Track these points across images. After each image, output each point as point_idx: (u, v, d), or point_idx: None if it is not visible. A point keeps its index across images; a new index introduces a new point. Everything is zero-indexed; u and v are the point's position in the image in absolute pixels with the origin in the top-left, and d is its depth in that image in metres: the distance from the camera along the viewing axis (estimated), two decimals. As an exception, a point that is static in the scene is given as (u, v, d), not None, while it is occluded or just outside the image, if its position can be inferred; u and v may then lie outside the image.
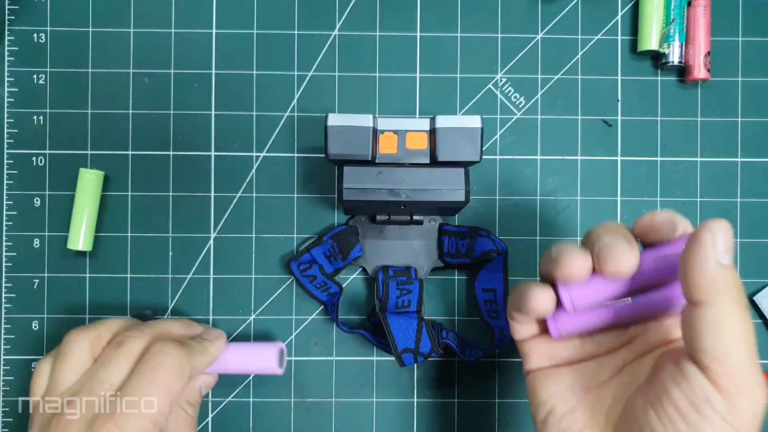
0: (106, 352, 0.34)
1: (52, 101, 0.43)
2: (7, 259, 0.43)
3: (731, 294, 0.24)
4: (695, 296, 0.24)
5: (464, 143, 0.36)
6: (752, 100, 0.44)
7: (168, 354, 0.33)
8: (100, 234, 0.43)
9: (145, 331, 0.35)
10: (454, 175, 0.36)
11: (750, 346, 0.24)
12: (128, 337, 0.34)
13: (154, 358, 0.33)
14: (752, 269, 0.44)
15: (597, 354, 0.30)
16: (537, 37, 0.44)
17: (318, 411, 0.43)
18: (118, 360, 0.33)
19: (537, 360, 0.31)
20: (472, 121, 0.36)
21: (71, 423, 0.31)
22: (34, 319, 0.43)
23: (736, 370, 0.23)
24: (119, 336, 0.34)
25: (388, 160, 0.37)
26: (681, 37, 0.43)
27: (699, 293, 0.24)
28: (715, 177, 0.44)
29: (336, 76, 0.44)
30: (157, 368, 0.32)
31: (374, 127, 0.36)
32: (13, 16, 0.43)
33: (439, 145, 0.36)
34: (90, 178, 0.42)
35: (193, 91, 0.43)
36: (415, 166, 0.36)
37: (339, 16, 0.44)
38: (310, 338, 0.43)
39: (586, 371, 0.30)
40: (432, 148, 0.36)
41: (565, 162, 0.44)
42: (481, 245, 0.41)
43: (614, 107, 0.44)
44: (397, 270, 0.42)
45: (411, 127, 0.37)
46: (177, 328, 0.37)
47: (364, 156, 0.36)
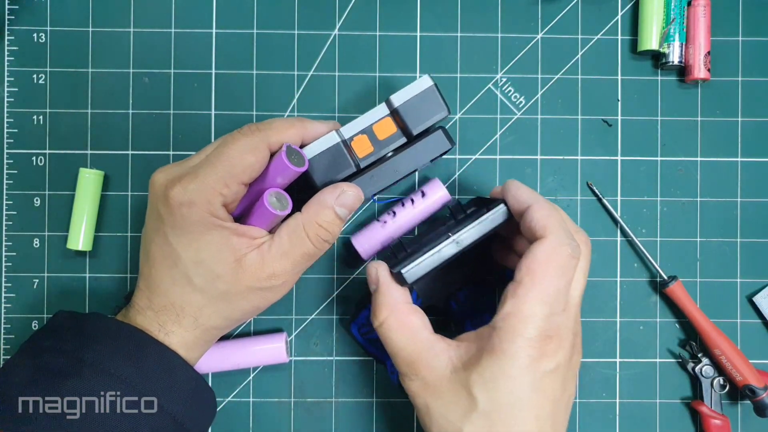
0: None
1: (52, 101, 0.43)
2: (7, 259, 0.43)
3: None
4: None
5: (427, 106, 0.37)
6: (752, 100, 0.44)
7: (233, 137, 0.34)
8: (100, 234, 0.43)
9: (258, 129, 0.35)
10: (435, 139, 0.37)
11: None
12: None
13: (228, 137, 0.34)
14: (752, 269, 0.44)
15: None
16: (537, 37, 0.44)
17: (318, 411, 0.43)
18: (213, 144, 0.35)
19: None
20: (422, 83, 0.37)
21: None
22: (34, 319, 0.43)
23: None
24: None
25: (371, 159, 0.37)
26: (681, 37, 0.43)
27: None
28: (715, 177, 0.44)
29: (336, 76, 0.44)
30: (226, 143, 0.34)
31: (343, 140, 0.37)
32: (13, 16, 0.43)
33: (407, 121, 0.37)
34: (90, 177, 0.42)
35: (193, 91, 0.43)
36: (398, 152, 0.37)
37: (339, 16, 0.44)
38: (310, 338, 0.43)
39: None
40: (402, 127, 0.37)
41: (565, 162, 0.44)
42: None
43: (614, 107, 0.44)
44: (465, 293, 0.41)
45: (374, 119, 0.37)
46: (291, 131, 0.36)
47: (350, 171, 0.37)
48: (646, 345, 0.43)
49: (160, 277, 0.34)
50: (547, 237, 0.32)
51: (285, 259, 0.34)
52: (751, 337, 0.43)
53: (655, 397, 0.43)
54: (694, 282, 0.43)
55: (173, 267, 0.33)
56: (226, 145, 0.33)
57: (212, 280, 0.33)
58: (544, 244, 0.32)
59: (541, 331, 0.31)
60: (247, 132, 0.34)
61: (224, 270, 0.33)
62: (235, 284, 0.33)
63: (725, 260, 0.44)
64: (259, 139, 0.34)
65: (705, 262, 0.44)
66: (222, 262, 0.33)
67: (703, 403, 0.42)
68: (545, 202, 0.34)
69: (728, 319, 0.43)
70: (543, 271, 0.32)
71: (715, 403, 0.42)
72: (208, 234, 0.33)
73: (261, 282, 0.33)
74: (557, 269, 0.32)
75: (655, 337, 0.44)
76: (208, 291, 0.33)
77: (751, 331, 0.43)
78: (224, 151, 0.33)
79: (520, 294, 0.32)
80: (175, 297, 0.34)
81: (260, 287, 0.34)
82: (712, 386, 0.42)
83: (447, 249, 0.34)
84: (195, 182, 0.32)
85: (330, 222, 0.34)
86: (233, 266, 0.33)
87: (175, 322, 0.34)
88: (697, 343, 0.43)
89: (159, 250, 0.34)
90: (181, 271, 0.33)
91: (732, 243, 0.44)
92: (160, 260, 0.34)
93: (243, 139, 0.33)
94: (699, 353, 0.42)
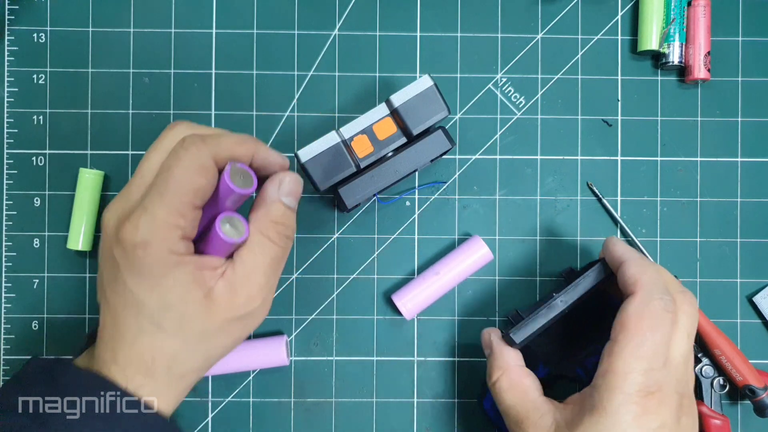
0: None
1: (52, 101, 0.43)
2: (7, 259, 0.43)
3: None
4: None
5: (427, 106, 0.37)
6: (752, 100, 0.44)
7: (177, 156, 0.30)
8: (100, 234, 0.43)
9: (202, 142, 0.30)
10: (435, 139, 0.38)
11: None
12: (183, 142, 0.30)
13: (170, 155, 0.30)
14: (752, 269, 0.43)
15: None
16: (537, 37, 0.44)
17: (318, 411, 0.43)
18: (151, 158, 0.31)
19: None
20: (423, 83, 0.37)
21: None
22: (34, 319, 0.43)
23: None
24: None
25: (371, 159, 0.37)
26: (681, 37, 0.43)
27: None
28: (715, 177, 0.44)
29: (336, 76, 0.44)
30: (170, 167, 0.29)
31: (343, 140, 0.37)
32: (13, 16, 0.43)
33: (408, 121, 0.37)
34: (90, 178, 0.42)
35: (193, 91, 0.43)
36: (398, 152, 0.37)
37: (339, 16, 0.44)
38: (310, 338, 0.43)
39: None
40: (402, 127, 0.37)
41: (565, 162, 0.44)
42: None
43: (614, 107, 0.44)
44: (594, 359, 0.40)
45: (374, 119, 0.37)
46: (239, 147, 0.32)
47: (350, 171, 0.37)
48: (646, 345, 0.43)
49: (125, 327, 0.30)
50: (637, 292, 0.33)
51: (255, 275, 0.31)
52: (751, 337, 0.43)
53: (655, 397, 0.43)
54: (694, 282, 0.43)
55: (138, 315, 0.30)
56: (170, 168, 0.29)
57: (185, 323, 0.30)
58: (634, 299, 0.33)
59: (641, 387, 0.31)
60: (191, 148, 0.29)
61: (195, 309, 0.30)
62: (210, 321, 0.30)
63: (725, 260, 0.44)
64: (206, 155, 0.30)
65: (705, 262, 0.44)
66: (191, 302, 0.30)
67: (703, 403, 0.42)
68: (639, 259, 0.35)
69: (728, 319, 0.43)
70: (635, 326, 0.32)
71: (715, 403, 0.42)
72: (170, 275, 0.29)
73: (239, 310, 0.31)
74: (649, 323, 0.32)
75: (655, 337, 0.44)
76: (182, 335, 0.30)
77: (751, 331, 0.43)
78: (170, 176, 0.29)
79: (616, 351, 0.32)
80: (144, 348, 0.30)
81: (239, 316, 0.31)
82: (712, 386, 0.42)
83: (551, 309, 0.36)
84: (145, 218, 0.29)
85: (283, 215, 0.32)
86: (204, 303, 0.30)
87: (146, 376, 0.30)
88: (697, 343, 0.43)
89: (119, 299, 0.30)
90: (147, 318, 0.30)
91: (732, 243, 0.44)
92: (122, 309, 0.30)
93: (187, 158, 0.29)
94: (699, 353, 0.42)
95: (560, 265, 0.43)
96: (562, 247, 0.43)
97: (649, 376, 0.31)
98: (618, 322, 0.33)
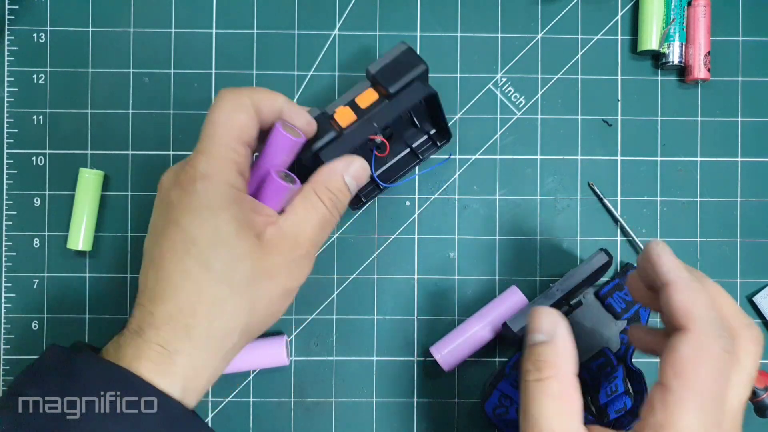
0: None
1: (52, 101, 0.43)
2: (7, 259, 0.43)
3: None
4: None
5: (404, 67, 0.36)
6: (752, 100, 0.44)
7: (215, 104, 0.32)
8: (100, 234, 0.43)
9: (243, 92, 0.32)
10: (414, 89, 0.36)
11: None
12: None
13: (210, 108, 0.32)
14: (752, 269, 0.43)
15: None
16: (537, 37, 0.44)
17: (318, 411, 0.43)
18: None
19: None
20: (398, 48, 0.36)
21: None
22: (34, 319, 0.43)
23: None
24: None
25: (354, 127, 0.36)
26: (681, 37, 0.43)
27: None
28: (715, 177, 0.44)
29: (336, 76, 0.44)
30: (212, 113, 0.31)
31: (323, 112, 0.36)
32: (13, 16, 0.43)
33: (387, 83, 0.36)
34: (90, 177, 0.42)
35: (193, 91, 0.43)
36: (377, 106, 0.36)
37: (339, 16, 0.44)
38: (310, 338, 0.43)
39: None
40: (384, 94, 0.36)
41: (565, 162, 0.44)
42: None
43: (614, 107, 0.44)
44: (599, 363, 0.40)
45: (356, 93, 0.36)
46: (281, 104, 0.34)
47: (331, 136, 0.35)
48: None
49: (168, 274, 0.29)
50: (691, 329, 0.27)
51: (303, 226, 0.32)
52: (751, 337, 0.43)
53: (655, 397, 0.43)
54: (694, 282, 0.43)
55: (185, 256, 0.29)
56: (212, 114, 0.31)
57: (235, 262, 0.29)
58: (688, 339, 0.27)
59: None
60: (225, 94, 0.32)
61: (247, 248, 0.29)
62: (259, 263, 0.30)
63: (725, 260, 0.44)
64: (240, 96, 0.31)
65: (705, 262, 0.44)
66: (245, 240, 0.30)
67: (703, 403, 0.42)
68: (689, 281, 0.28)
69: (728, 319, 0.43)
70: (693, 373, 0.26)
71: (715, 403, 0.42)
72: (228, 208, 0.29)
73: (284, 254, 0.31)
74: (710, 371, 0.26)
75: (655, 337, 0.44)
76: (229, 278, 0.29)
77: (751, 331, 0.43)
78: (212, 120, 0.31)
79: (671, 402, 0.26)
80: (187, 296, 0.29)
81: (284, 262, 0.31)
82: (712, 386, 0.42)
83: (548, 298, 0.37)
84: (202, 157, 0.30)
85: (340, 188, 0.33)
86: (255, 243, 0.30)
87: (184, 337, 0.29)
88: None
89: (169, 243, 0.29)
90: (195, 258, 0.29)
91: (732, 243, 0.44)
92: (170, 253, 0.29)
93: (224, 101, 0.31)
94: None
95: (560, 265, 0.43)
96: (562, 247, 0.43)
97: (709, 430, 0.27)
98: (669, 366, 0.27)
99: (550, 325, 0.29)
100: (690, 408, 0.26)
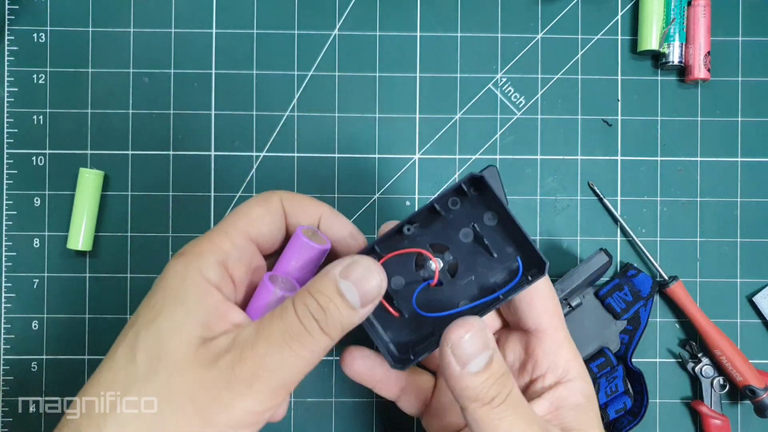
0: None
1: (52, 101, 0.43)
2: (7, 259, 0.43)
3: (482, 399, 0.26)
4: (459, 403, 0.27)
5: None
6: (752, 100, 0.44)
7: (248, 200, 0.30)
8: (100, 234, 0.43)
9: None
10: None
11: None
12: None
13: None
14: (752, 269, 0.43)
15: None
16: (537, 37, 0.44)
17: (318, 411, 0.43)
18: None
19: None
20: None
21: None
22: (34, 318, 0.43)
23: None
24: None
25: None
26: (681, 37, 0.43)
27: (460, 401, 0.27)
28: (715, 177, 0.44)
29: (336, 76, 0.44)
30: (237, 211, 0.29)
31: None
32: (13, 16, 0.43)
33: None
34: (90, 177, 0.42)
35: (193, 91, 0.43)
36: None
37: (339, 16, 0.44)
38: (310, 338, 0.43)
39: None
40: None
41: (565, 162, 0.44)
42: (640, 282, 0.41)
43: (614, 107, 0.44)
44: (599, 363, 0.40)
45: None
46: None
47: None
48: (646, 345, 0.43)
49: (102, 366, 0.26)
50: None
51: (259, 342, 0.24)
52: (751, 337, 0.43)
53: (655, 396, 0.43)
54: (694, 282, 0.43)
55: (123, 337, 0.26)
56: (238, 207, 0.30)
57: (159, 358, 0.24)
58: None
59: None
60: (266, 192, 0.30)
61: (179, 346, 0.24)
62: (183, 374, 0.24)
63: (725, 260, 0.44)
64: (276, 195, 0.29)
65: (705, 262, 0.44)
66: (179, 337, 0.25)
67: (703, 403, 0.42)
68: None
69: (728, 319, 0.43)
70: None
71: (715, 403, 0.42)
72: (181, 292, 0.25)
73: (221, 371, 0.24)
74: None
75: (655, 336, 0.43)
76: (150, 375, 0.25)
77: (751, 331, 0.43)
78: (234, 211, 0.29)
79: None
80: (105, 385, 0.25)
81: (219, 379, 0.24)
82: (712, 386, 0.42)
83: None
84: (201, 237, 0.28)
85: (326, 295, 0.25)
86: (191, 344, 0.25)
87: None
88: (697, 343, 0.43)
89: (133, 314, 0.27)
90: (127, 342, 0.25)
91: (732, 243, 0.44)
92: (119, 340, 0.26)
93: (257, 196, 0.30)
94: (699, 353, 0.42)
95: (560, 265, 0.43)
96: (562, 247, 0.43)
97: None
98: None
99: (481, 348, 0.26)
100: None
